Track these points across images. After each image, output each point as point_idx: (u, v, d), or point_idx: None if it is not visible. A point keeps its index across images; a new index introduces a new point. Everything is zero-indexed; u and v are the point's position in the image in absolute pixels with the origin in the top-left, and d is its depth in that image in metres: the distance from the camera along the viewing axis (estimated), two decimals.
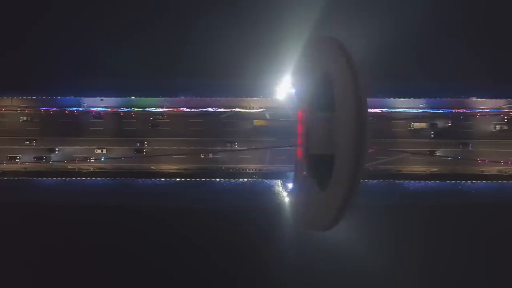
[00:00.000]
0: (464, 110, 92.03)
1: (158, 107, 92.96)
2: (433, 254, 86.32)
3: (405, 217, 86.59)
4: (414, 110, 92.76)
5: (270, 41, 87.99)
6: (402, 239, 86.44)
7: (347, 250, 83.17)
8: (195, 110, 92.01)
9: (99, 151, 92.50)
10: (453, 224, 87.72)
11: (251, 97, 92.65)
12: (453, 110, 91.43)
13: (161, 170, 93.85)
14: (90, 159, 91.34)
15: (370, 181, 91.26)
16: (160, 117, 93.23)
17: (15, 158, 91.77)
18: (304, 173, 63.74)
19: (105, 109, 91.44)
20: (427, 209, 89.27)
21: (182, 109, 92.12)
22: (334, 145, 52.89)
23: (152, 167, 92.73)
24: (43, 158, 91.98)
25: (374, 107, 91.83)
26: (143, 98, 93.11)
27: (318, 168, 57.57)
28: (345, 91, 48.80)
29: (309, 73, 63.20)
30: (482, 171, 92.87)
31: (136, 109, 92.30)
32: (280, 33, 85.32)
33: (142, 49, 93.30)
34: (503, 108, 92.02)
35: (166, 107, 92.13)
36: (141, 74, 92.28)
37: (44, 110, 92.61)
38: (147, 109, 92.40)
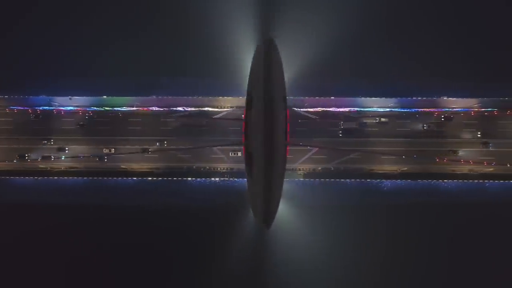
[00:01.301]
0: (433, 110, 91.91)
1: (128, 106, 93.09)
2: (394, 252, 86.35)
3: (368, 216, 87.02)
4: (381, 109, 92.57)
5: (239, 42, 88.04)
6: (364, 239, 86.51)
7: (315, 249, 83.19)
8: (166, 109, 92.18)
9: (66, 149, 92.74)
10: (419, 223, 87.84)
11: (223, 96, 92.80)
12: (420, 110, 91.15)
13: (132, 169, 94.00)
14: (52, 158, 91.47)
15: (342, 180, 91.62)
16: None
17: None
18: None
19: (72, 108, 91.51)
20: (397, 208, 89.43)
21: (152, 108, 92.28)
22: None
23: (122, 166, 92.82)
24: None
25: (343, 106, 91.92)
26: (114, 97, 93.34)
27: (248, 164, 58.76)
28: (257, 90, 49.46)
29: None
30: (453, 170, 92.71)
31: (107, 108, 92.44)
32: (247, 35, 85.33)
33: (115, 48, 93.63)
34: (473, 108, 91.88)
35: (136, 106, 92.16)
36: (113, 73, 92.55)
37: (16, 109, 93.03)
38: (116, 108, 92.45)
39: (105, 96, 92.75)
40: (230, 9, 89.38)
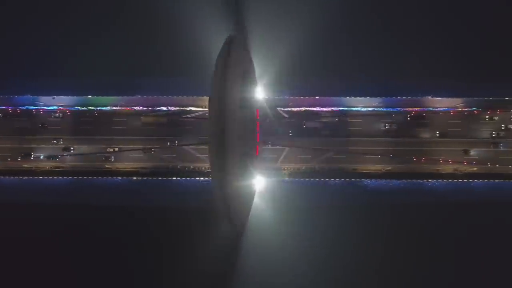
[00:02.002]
0: (418, 109, 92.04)
1: (113, 105, 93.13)
2: (373, 252, 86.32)
3: (352, 216, 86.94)
4: (363, 109, 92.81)
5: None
6: (342, 238, 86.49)
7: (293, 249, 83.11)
8: (149, 108, 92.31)
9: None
10: (406, 222, 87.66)
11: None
12: (402, 109, 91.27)
13: (117, 169, 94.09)
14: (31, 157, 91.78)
15: (326, 179, 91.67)
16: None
17: None
18: None
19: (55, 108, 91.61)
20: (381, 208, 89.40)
21: (137, 108, 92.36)
22: None
23: (107, 166, 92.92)
24: None
25: (327, 106, 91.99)
26: (99, 97, 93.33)
27: None
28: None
29: None
30: (438, 170, 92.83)
31: (91, 108, 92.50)
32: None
33: (99, 48, 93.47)
34: (457, 107, 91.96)
35: (121, 106, 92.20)
36: (98, 73, 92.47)
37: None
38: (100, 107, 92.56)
39: (90, 96, 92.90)
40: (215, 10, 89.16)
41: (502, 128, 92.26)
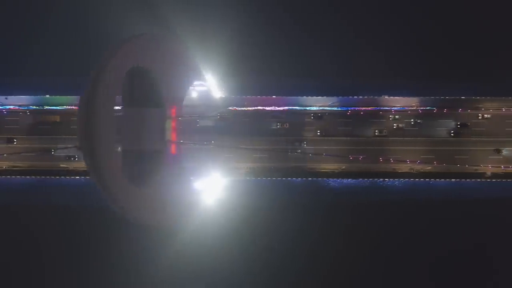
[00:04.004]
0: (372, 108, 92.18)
1: (70, 105, 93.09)
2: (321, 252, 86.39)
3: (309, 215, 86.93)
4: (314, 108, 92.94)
5: None
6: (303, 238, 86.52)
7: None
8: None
9: None
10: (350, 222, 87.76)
11: None
12: (349, 108, 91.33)
13: (75, 168, 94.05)
14: None
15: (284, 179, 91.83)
16: None
17: None
18: None
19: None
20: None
21: None
22: None
23: (61, 165, 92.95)
24: None
25: (283, 105, 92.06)
26: (57, 97, 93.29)
27: None
28: None
29: None
30: (394, 169, 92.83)
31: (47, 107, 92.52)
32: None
33: (60, 47, 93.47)
34: (413, 106, 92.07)
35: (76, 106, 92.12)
36: (57, 73, 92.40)
37: None
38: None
39: (48, 95, 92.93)
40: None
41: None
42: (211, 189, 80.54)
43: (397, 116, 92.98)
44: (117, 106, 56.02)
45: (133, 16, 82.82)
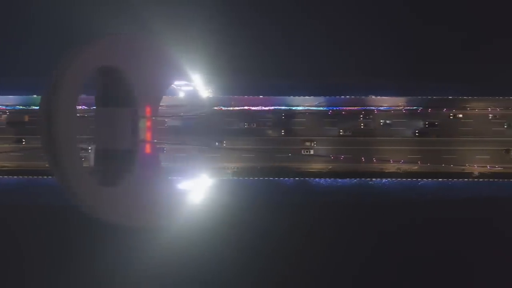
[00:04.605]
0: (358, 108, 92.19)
1: None
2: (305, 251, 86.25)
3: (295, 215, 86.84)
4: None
5: None
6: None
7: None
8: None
9: None
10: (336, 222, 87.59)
11: None
12: (332, 108, 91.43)
13: None
14: None
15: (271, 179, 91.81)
16: None
17: None
18: None
19: None
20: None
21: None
22: None
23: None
24: None
25: (270, 105, 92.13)
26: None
27: None
28: None
29: None
30: (382, 169, 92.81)
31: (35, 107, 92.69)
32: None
33: (46, 47, 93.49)
34: (399, 106, 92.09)
35: None
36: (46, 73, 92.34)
37: None
38: None
39: (35, 95, 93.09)
40: None
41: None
42: (197, 189, 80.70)
43: (369, 116, 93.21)
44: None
45: (119, 17, 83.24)
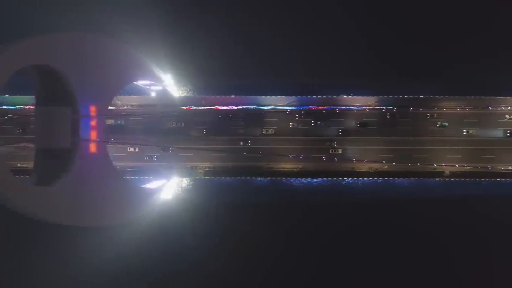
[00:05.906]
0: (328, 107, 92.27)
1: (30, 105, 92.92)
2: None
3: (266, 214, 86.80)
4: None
5: None
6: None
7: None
8: None
9: None
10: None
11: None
12: (309, 107, 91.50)
13: None
14: None
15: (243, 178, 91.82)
16: None
17: None
18: None
19: None
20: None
21: None
22: None
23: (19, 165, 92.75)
24: None
25: (242, 105, 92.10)
26: (16, 96, 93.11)
27: None
28: None
29: None
30: (353, 168, 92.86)
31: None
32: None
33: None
34: (370, 105, 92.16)
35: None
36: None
37: None
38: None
39: (7, 95, 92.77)
40: None
41: None
42: (165, 189, 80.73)
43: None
44: None
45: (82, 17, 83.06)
